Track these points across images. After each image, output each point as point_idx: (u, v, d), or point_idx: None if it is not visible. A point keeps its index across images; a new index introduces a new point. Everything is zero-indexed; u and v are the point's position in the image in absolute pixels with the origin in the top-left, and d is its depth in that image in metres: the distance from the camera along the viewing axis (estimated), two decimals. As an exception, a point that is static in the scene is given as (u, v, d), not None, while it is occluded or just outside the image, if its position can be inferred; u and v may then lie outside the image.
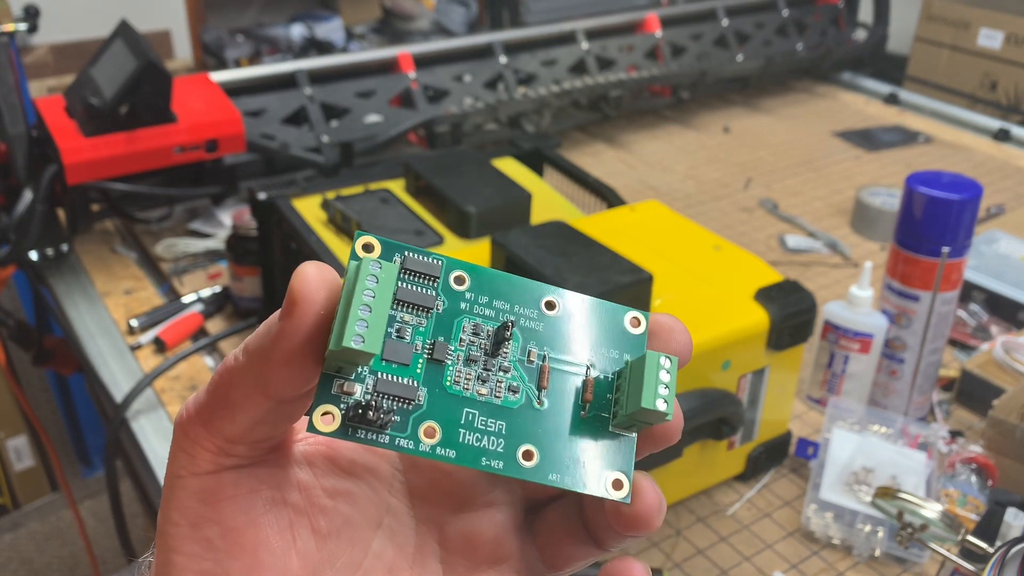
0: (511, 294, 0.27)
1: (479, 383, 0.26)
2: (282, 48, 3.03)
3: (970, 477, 0.80)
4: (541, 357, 0.27)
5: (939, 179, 0.83)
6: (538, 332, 0.27)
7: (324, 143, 1.25)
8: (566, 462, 0.26)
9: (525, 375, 0.26)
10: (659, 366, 0.26)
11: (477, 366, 0.26)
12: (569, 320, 0.27)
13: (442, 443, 0.25)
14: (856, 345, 0.86)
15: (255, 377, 0.25)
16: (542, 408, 0.26)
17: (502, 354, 0.26)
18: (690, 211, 1.33)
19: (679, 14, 1.72)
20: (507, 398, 0.26)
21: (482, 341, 0.26)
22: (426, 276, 0.26)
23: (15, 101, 1.01)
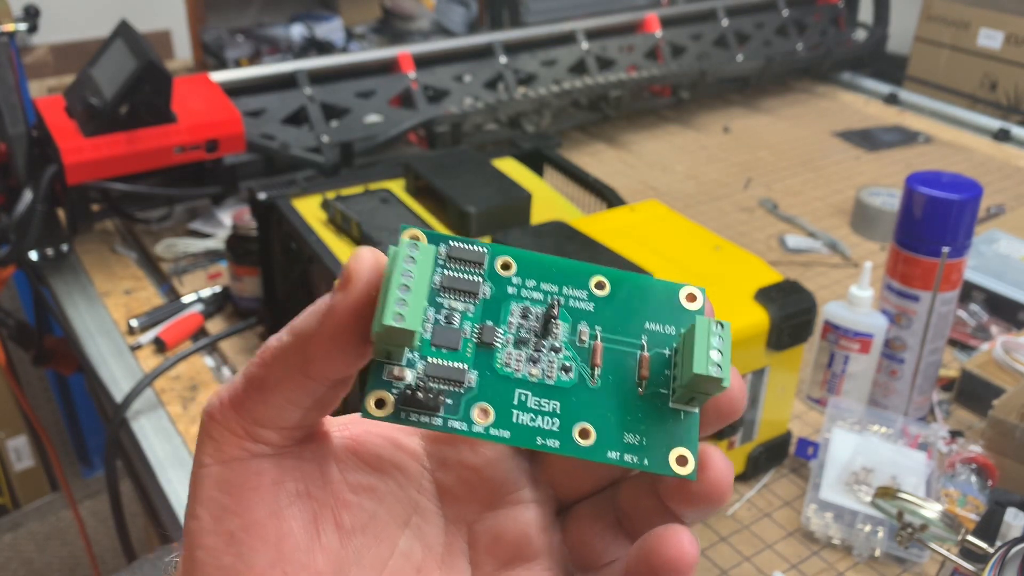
0: (559, 276, 0.27)
1: (530, 364, 0.26)
2: (282, 48, 3.03)
3: (970, 477, 0.80)
4: (593, 336, 0.26)
5: (939, 179, 0.83)
6: (589, 312, 0.26)
7: (324, 143, 1.25)
8: (626, 440, 0.25)
9: (577, 355, 0.26)
10: (710, 332, 0.25)
11: (528, 348, 0.26)
12: (622, 299, 0.27)
13: (496, 424, 0.25)
14: (856, 345, 0.86)
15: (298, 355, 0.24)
16: (596, 387, 0.26)
17: (552, 335, 0.26)
18: (690, 211, 1.33)
19: (679, 14, 1.72)
20: (560, 378, 0.26)
21: (532, 324, 0.26)
22: (471, 263, 0.26)
23: (15, 101, 1.01)
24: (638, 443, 0.26)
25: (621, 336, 0.27)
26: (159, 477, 0.82)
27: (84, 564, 1.94)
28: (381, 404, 0.25)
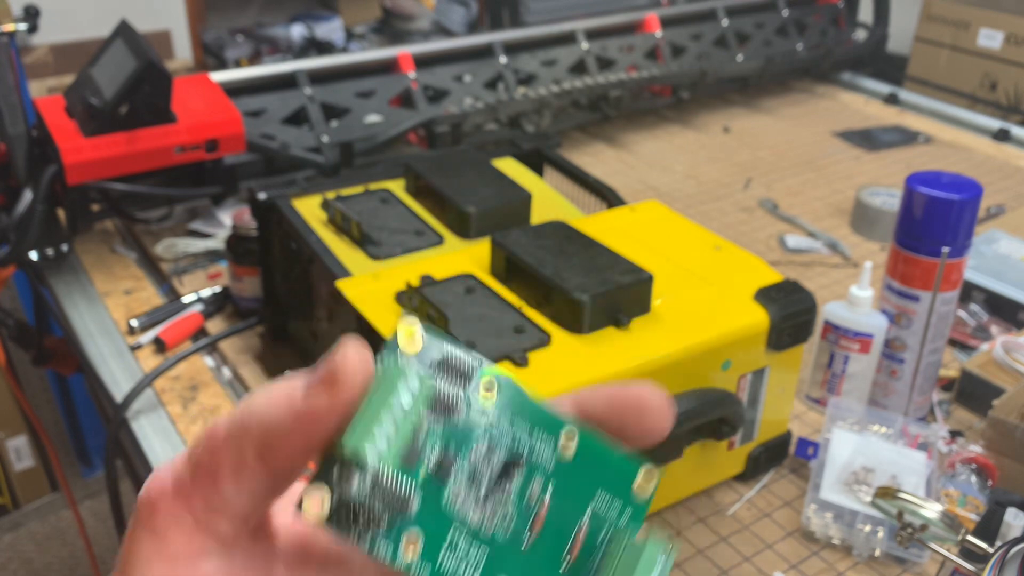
0: (534, 418, 0.25)
1: (475, 506, 0.24)
2: (282, 48, 3.03)
3: (970, 477, 0.80)
4: (541, 499, 0.25)
5: (939, 179, 0.83)
6: (547, 470, 0.25)
7: (324, 143, 1.25)
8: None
9: (521, 513, 0.25)
10: (654, 564, 0.24)
11: (478, 490, 0.24)
12: (582, 463, 0.25)
13: (422, 558, 0.23)
14: (856, 345, 0.86)
15: (258, 444, 0.23)
16: (526, 552, 0.25)
17: (504, 486, 0.25)
18: (690, 211, 1.33)
19: (679, 14, 1.72)
20: (496, 531, 0.25)
21: (490, 466, 0.25)
22: (459, 375, 0.25)
23: (15, 101, 1.01)
24: None
25: (567, 504, 0.25)
26: (159, 477, 0.82)
27: (84, 564, 1.94)
28: (318, 504, 0.23)
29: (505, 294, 0.75)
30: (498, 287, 0.76)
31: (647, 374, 0.68)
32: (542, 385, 0.64)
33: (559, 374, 0.66)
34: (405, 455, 0.23)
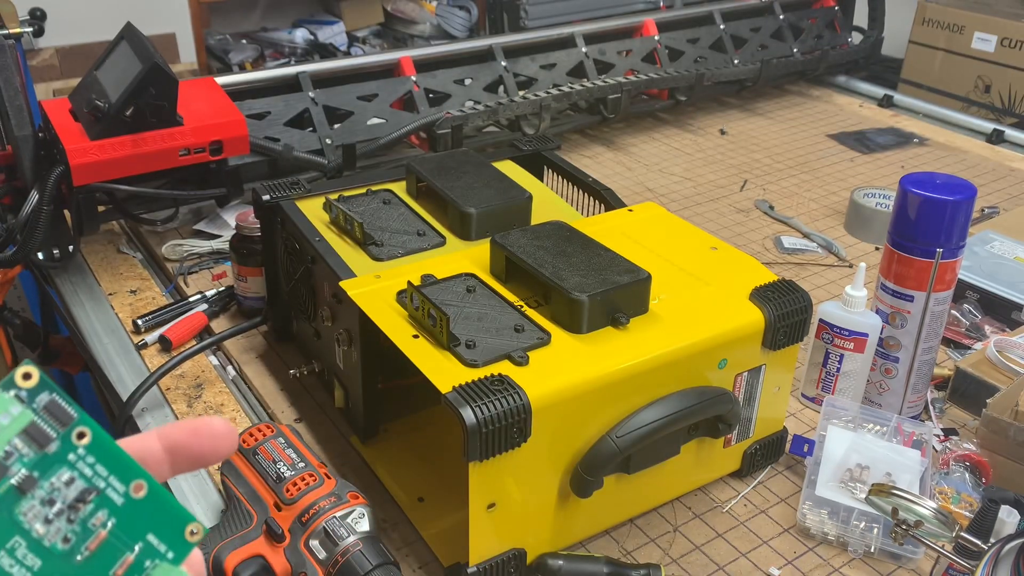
0: (114, 465, 0.31)
1: (42, 522, 0.29)
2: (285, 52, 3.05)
3: (964, 475, 0.81)
4: (104, 525, 0.30)
5: (933, 180, 0.84)
6: (116, 504, 0.30)
7: (327, 145, 1.26)
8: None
9: (84, 533, 0.30)
10: None
11: (53, 507, 0.29)
12: (146, 505, 0.31)
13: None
14: (851, 344, 0.87)
15: None
16: (79, 564, 0.30)
17: (76, 508, 0.30)
18: (687, 212, 1.34)
19: (676, 18, 1.73)
20: (56, 544, 0.29)
21: (68, 490, 0.30)
22: (58, 416, 0.30)
23: (21, 103, 1.02)
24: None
25: (125, 535, 0.31)
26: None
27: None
28: None
29: (505, 294, 0.76)
30: (498, 287, 0.77)
31: (645, 373, 0.70)
32: (542, 384, 0.65)
33: (558, 373, 0.67)
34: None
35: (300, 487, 0.69)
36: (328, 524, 0.67)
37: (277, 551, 0.67)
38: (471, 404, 0.62)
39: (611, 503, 0.75)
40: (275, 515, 0.69)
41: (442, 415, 0.69)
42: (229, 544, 0.67)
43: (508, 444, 0.63)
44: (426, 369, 0.66)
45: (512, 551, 0.69)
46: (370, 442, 0.85)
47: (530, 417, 0.64)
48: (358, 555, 0.65)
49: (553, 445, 0.67)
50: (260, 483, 0.71)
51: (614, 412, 0.69)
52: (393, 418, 0.87)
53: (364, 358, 0.79)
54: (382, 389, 0.84)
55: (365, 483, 0.81)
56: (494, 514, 0.66)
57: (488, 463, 0.63)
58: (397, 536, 0.76)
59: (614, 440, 0.68)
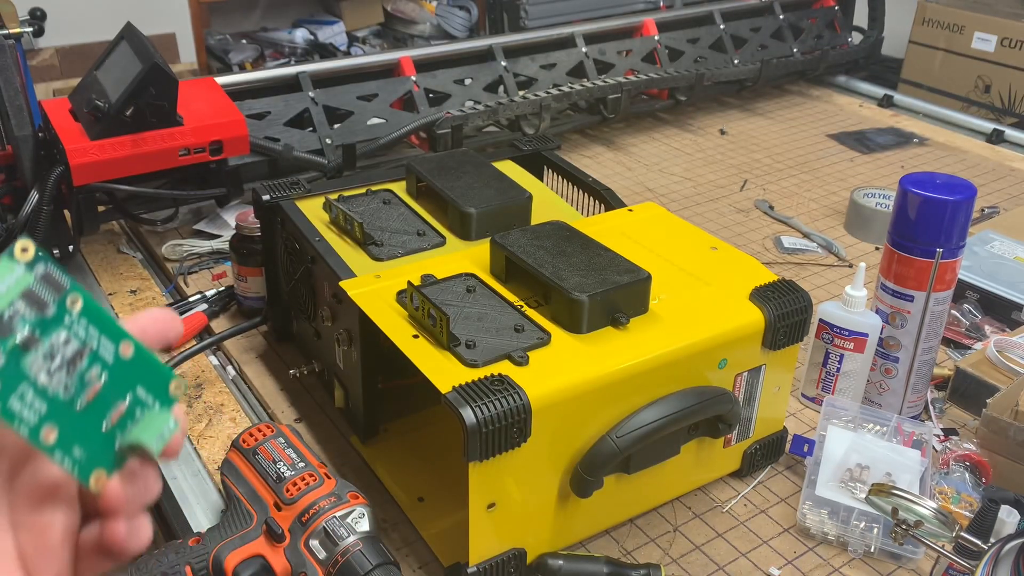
0: (106, 327, 0.36)
1: (46, 374, 0.34)
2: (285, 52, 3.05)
3: (964, 475, 0.81)
4: (99, 377, 0.36)
5: (933, 180, 0.84)
6: (106, 360, 0.36)
7: (327, 145, 1.26)
8: (74, 453, 0.35)
9: (81, 385, 0.35)
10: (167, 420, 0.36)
11: (54, 361, 0.35)
12: (134, 362, 0.36)
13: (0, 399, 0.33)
14: (851, 344, 0.87)
15: None
16: (79, 411, 0.35)
17: (75, 364, 0.35)
18: (687, 212, 1.34)
19: (676, 18, 1.73)
20: (58, 393, 0.35)
21: (67, 348, 0.35)
22: (54, 285, 0.35)
23: (21, 103, 1.02)
24: (81, 456, 0.35)
25: (117, 386, 0.36)
26: (164, 474, 0.83)
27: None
28: None
29: (505, 294, 0.76)
30: (498, 287, 0.77)
31: (645, 372, 0.70)
32: (542, 384, 0.65)
33: (558, 373, 0.67)
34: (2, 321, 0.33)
35: (300, 487, 0.69)
36: (328, 524, 0.67)
37: (277, 551, 0.67)
38: (471, 404, 0.62)
39: (611, 503, 0.75)
40: (275, 515, 0.69)
41: (442, 415, 0.69)
42: (229, 544, 0.67)
43: (508, 444, 0.63)
44: (426, 369, 0.66)
45: (512, 551, 0.69)
46: (370, 442, 0.85)
47: (530, 417, 0.64)
48: (358, 555, 0.65)
49: (553, 445, 0.67)
50: (260, 483, 0.71)
51: (614, 412, 0.69)
52: (393, 418, 0.87)
53: (364, 358, 0.79)
54: (382, 389, 0.84)
55: (365, 483, 0.81)
56: (494, 514, 0.66)
57: (488, 463, 0.63)
58: (397, 536, 0.76)
59: (614, 440, 0.68)
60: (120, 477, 0.36)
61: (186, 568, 0.66)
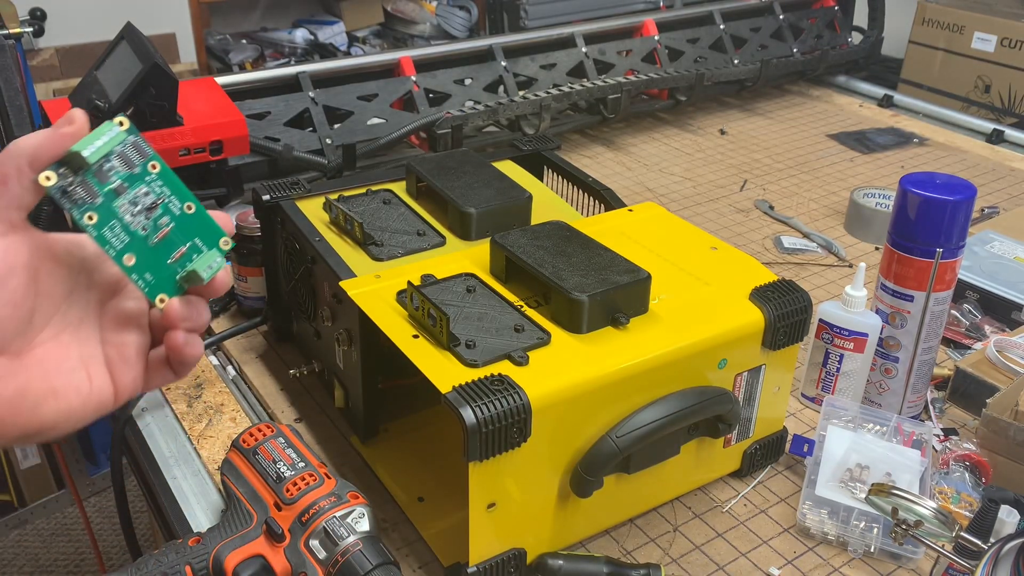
0: (176, 188, 0.47)
1: (130, 215, 0.46)
2: (285, 52, 3.05)
3: (964, 474, 0.81)
4: (168, 225, 0.47)
5: (933, 180, 0.84)
6: (174, 213, 0.47)
7: (327, 145, 1.26)
8: (146, 276, 0.46)
9: (155, 226, 0.47)
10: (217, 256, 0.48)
11: (136, 207, 0.46)
12: (195, 217, 0.48)
13: (95, 226, 0.45)
14: (850, 344, 0.87)
15: (30, 156, 0.42)
16: (153, 246, 0.47)
17: (150, 211, 0.46)
18: (687, 212, 1.34)
19: (676, 18, 1.73)
20: (137, 230, 0.46)
21: (146, 199, 0.46)
22: (139, 152, 0.46)
23: (21, 103, 1.02)
24: (151, 279, 0.47)
25: (181, 233, 0.47)
26: (164, 474, 0.83)
27: (90, 560, 1.95)
28: (48, 180, 0.43)
29: (505, 294, 0.76)
30: (498, 287, 0.77)
31: (645, 372, 0.70)
32: (542, 384, 0.65)
33: (558, 373, 0.67)
34: (97, 171, 0.45)
35: (300, 487, 0.69)
36: (328, 524, 0.67)
37: (277, 551, 0.67)
38: (471, 404, 0.62)
39: (611, 503, 0.75)
40: (275, 515, 0.69)
41: (442, 415, 0.69)
42: (229, 544, 0.68)
43: (508, 444, 0.63)
44: (426, 369, 0.66)
45: (512, 551, 0.69)
46: (370, 442, 0.85)
47: (530, 417, 0.64)
48: (358, 555, 0.65)
49: (553, 445, 0.67)
50: (260, 483, 0.71)
51: (614, 412, 0.69)
52: (393, 418, 0.87)
53: (364, 358, 0.79)
54: (382, 389, 0.84)
55: (365, 483, 0.81)
56: (494, 514, 0.66)
57: (488, 463, 0.63)
58: (397, 536, 0.76)
59: (614, 440, 0.68)
60: (179, 301, 0.47)
61: (186, 568, 0.66)
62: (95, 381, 0.47)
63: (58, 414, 0.46)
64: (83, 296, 0.48)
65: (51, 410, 0.45)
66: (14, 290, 0.43)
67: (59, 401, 0.46)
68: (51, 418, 0.45)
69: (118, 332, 0.48)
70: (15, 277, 0.43)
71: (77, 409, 0.46)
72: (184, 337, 0.48)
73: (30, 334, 0.45)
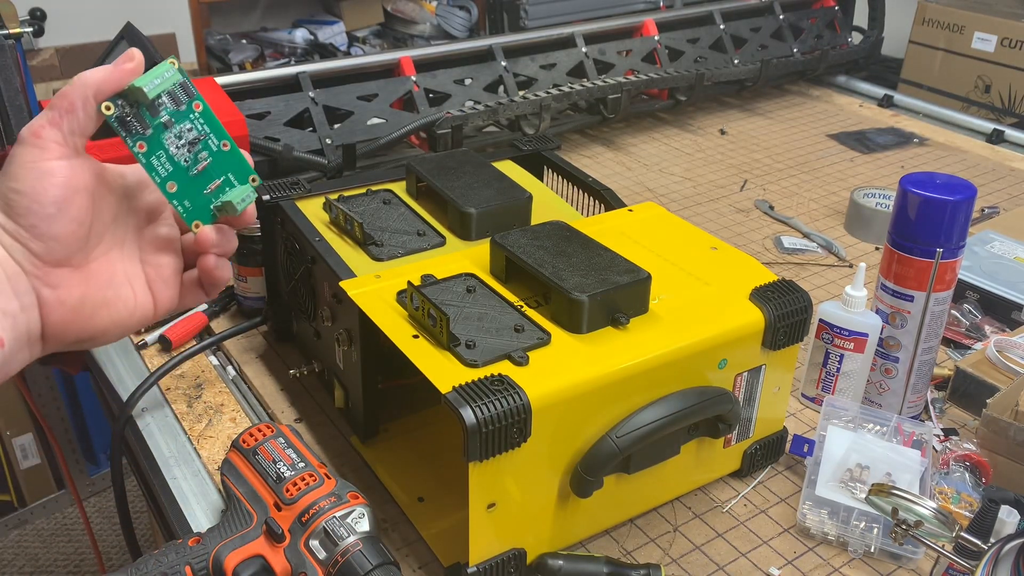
0: (215, 127, 0.53)
1: (175, 148, 0.52)
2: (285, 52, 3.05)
3: (964, 475, 0.81)
4: (207, 159, 0.53)
5: (933, 180, 0.84)
6: (212, 149, 0.54)
7: (327, 145, 1.26)
8: (184, 203, 0.53)
9: (195, 159, 0.53)
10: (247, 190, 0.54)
11: (180, 141, 0.52)
12: (229, 154, 0.54)
13: (144, 154, 0.51)
14: (851, 344, 0.87)
15: (94, 88, 0.48)
16: (193, 175, 0.53)
17: (192, 145, 0.53)
18: (687, 212, 1.34)
19: (676, 18, 1.73)
20: (180, 161, 0.53)
21: (188, 135, 0.53)
22: (188, 92, 0.52)
23: (21, 104, 1.02)
24: (189, 206, 0.53)
25: (217, 167, 0.54)
26: (164, 474, 0.83)
27: (89, 560, 1.95)
28: (108, 110, 0.49)
29: (505, 294, 0.76)
30: (498, 287, 0.77)
31: (645, 372, 0.70)
32: (542, 384, 0.65)
33: (558, 373, 0.67)
34: (150, 105, 0.51)
35: (300, 487, 0.69)
36: (328, 524, 0.67)
37: (277, 551, 0.67)
38: (471, 404, 0.62)
39: (611, 503, 0.75)
40: (275, 515, 0.69)
41: (442, 415, 0.69)
42: (229, 544, 0.68)
43: (508, 444, 0.63)
44: (426, 369, 0.66)
45: (512, 551, 0.69)
46: (370, 442, 0.85)
47: (530, 417, 0.64)
48: (358, 555, 0.65)
49: (553, 445, 0.67)
50: (260, 483, 0.71)
51: (614, 412, 0.69)
52: (393, 418, 0.87)
53: (364, 358, 0.79)
54: (382, 389, 0.84)
55: (365, 483, 0.81)
56: (494, 514, 0.66)
57: (488, 463, 0.63)
58: (397, 536, 0.76)
59: (614, 440, 0.68)
60: (212, 228, 0.53)
61: (186, 568, 0.66)
62: (139, 296, 0.53)
63: (110, 322, 0.52)
64: (125, 220, 0.53)
65: (104, 318, 0.51)
66: (79, 208, 0.49)
67: (111, 310, 0.52)
68: (103, 325, 0.51)
69: (156, 254, 0.54)
70: (80, 197, 0.48)
71: (125, 319, 0.53)
72: (215, 260, 0.54)
73: (87, 249, 0.51)
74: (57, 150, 0.47)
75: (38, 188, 0.47)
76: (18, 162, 0.47)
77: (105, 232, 0.52)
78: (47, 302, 0.49)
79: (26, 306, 0.48)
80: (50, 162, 0.47)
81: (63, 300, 0.49)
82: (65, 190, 0.48)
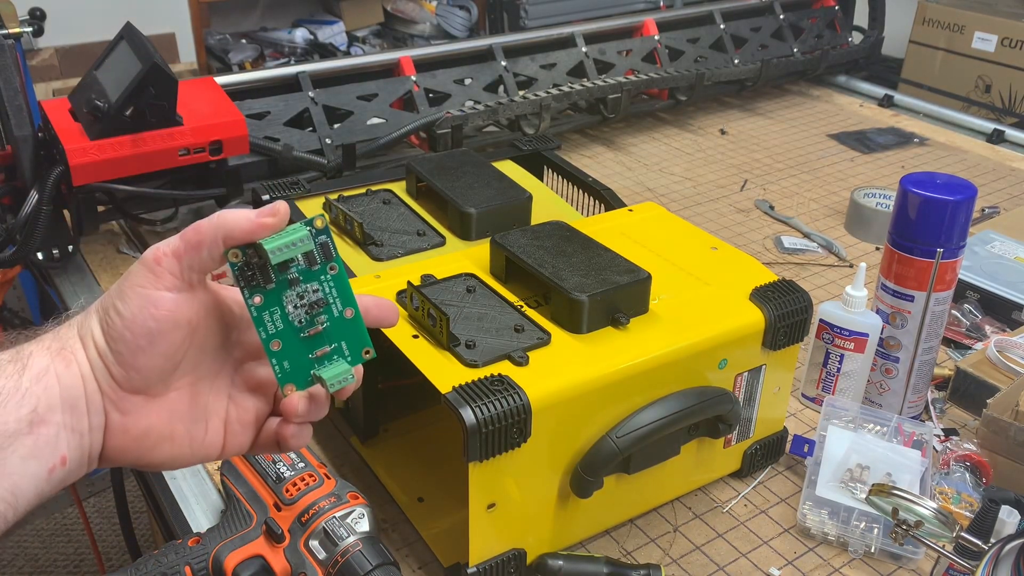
0: (342, 293, 0.49)
1: (293, 307, 0.48)
2: (285, 52, 3.05)
3: (964, 475, 0.81)
4: (324, 323, 0.49)
5: (933, 180, 0.84)
6: (333, 315, 0.49)
7: (327, 145, 1.26)
8: (287, 366, 0.49)
9: (311, 322, 0.49)
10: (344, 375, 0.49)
11: (301, 300, 0.48)
12: (350, 324, 0.50)
13: (257, 307, 0.47)
14: (851, 344, 0.87)
15: (222, 231, 0.45)
16: (303, 337, 0.49)
17: (313, 308, 0.49)
18: (687, 212, 1.34)
19: (676, 18, 1.73)
20: (293, 321, 0.48)
21: (313, 295, 0.48)
22: (326, 253, 0.48)
23: (21, 103, 1.02)
24: (288, 368, 0.49)
25: (331, 334, 0.49)
26: (164, 474, 0.83)
27: (89, 561, 1.95)
28: (236, 256, 0.46)
29: (505, 294, 0.76)
30: (498, 287, 0.77)
31: (645, 372, 0.70)
32: (542, 384, 0.65)
33: (558, 373, 0.67)
34: (279, 263, 0.47)
35: (300, 487, 0.69)
36: (328, 524, 0.67)
37: (277, 551, 0.67)
38: (471, 404, 0.62)
39: (611, 503, 0.75)
40: (275, 515, 0.69)
41: (442, 415, 0.69)
42: (229, 544, 0.67)
43: (508, 444, 0.63)
44: (426, 369, 0.66)
45: (512, 551, 0.69)
46: (370, 442, 0.85)
47: (530, 417, 0.64)
48: (358, 555, 0.65)
49: (553, 445, 0.67)
50: (260, 483, 0.71)
51: (614, 412, 0.69)
52: (393, 418, 0.87)
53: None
54: (382, 389, 0.84)
55: (365, 483, 0.81)
56: (494, 514, 0.66)
57: (488, 463, 0.63)
58: (397, 536, 0.76)
59: (614, 440, 0.68)
60: (301, 398, 0.49)
61: (186, 568, 0.66)
62: (210, 435, 0.50)
63: (168, 457, 0.49)
64: (229, 352, 0.51)
65: (164, 452, 0.49)
66: (171, 343, 0.46)
67: (173, 446, 0.49)
68: (160, 460, 0.49)
69: (245, 394, 0.51)
70: (177, 332, 0.46)
71: (185, 456, 0.50)
72: (295, 430, 0.50)
73: (169, 381, 0.48)
74: (170, 280, 0.45)
75: (138, 315, 0.45)
76: (131, 281, 0.46)
77: (201, 362, 0.49)
78: (112, 427, 0.47)
79: (94, 427, 0.46)
80: (159, 292, 0.45)
81: (127, 428, 0.47)
82: (163, 324, 0.45)
